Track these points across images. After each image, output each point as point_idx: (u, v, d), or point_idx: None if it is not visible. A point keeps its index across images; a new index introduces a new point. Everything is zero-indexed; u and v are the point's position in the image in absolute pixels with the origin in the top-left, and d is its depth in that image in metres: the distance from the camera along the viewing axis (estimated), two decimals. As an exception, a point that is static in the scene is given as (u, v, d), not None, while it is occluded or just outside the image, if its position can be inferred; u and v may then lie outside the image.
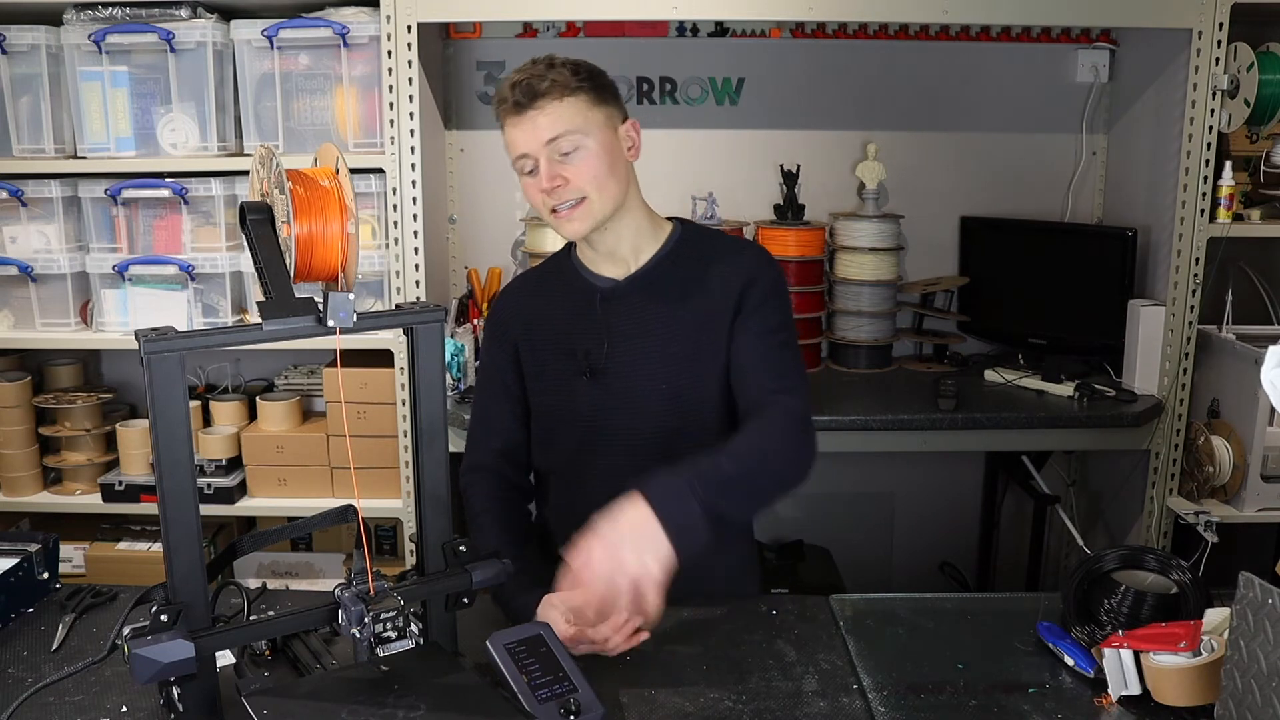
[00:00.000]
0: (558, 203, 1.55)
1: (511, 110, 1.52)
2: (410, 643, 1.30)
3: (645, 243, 1.65)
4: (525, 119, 1.51)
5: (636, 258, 1.65)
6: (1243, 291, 2.72)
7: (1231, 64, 2.48)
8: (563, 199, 1.54)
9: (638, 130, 1.62)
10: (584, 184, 1.53)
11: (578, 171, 1.53)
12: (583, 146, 1.53)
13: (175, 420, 1.14)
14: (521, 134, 1.53)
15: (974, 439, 2.69)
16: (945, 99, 2.97)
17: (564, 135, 1.51)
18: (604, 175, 1.54)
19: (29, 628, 1.53)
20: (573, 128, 1.52)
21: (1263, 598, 1.10)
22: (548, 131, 1.51)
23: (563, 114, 1.52)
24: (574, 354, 1.64)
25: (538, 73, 1.52)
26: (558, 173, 1.52)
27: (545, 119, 1.51)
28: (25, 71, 2.55)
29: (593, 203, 1.55)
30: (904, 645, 1.50)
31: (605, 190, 1.55)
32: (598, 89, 1.56)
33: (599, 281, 1.66)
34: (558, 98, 1.51)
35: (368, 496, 2.67)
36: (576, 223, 1.56)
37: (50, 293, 2.64)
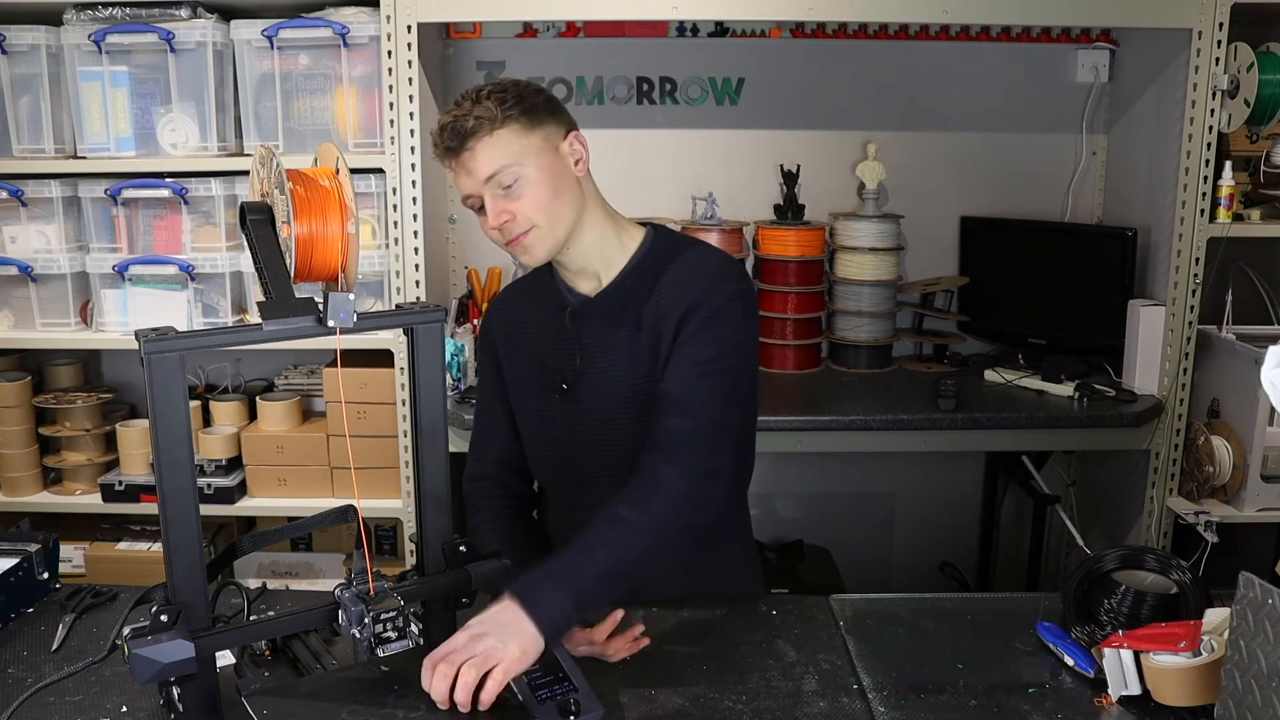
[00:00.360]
0: (509, 235, 1.52)
1: (445, 155, 1.51)
2: (410, 643, 1.29)
3: (614, 254, 1.61)
4: (460, 162, 1.50)
5: (607, 271, 1.61)
6: (1243, 291, 2.72)
7: (1231, 64, 2.48)
8: (512, 233, 1.51)
9: (583, 142, 1.56)
10: (531, 214, 1.50)
11: (522, 204, 1.50)
12: (522, 177, 1.49)
13: (175, 420, 1.14)
14: (461, 177, 1.51)
15: (974, 439, 2.69)
16: (945, 99, 2.97)
17: (500, 171, 1.48)
18: (549, 200, 1.51)
19: (29, 628, 1.53)
20: (508, 161, 1.48)
21: (1263, 598, 1.10)
22: (483, 170, 1.48)
23: (495, 149, 1.48)
24: (547, 369, 1.64)
25: (463, 112, 1.48)
26: (502, 208, 1.50)
27: (478, 159, 1.48)
28: (25, 71, 2.55)
29: (543, 229, 1.52)
30: (904, 645, 1.50)
31: (554, 214, 1.52)
32: (528, 113, 1.50)
33: (571, 297, 1.64)
34: (487, 134, 1.48)
35: (368, 496, 2.67)
36: (533, 250, 1.53)
37: (50, 293, 2.64)
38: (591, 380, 1.61)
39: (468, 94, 1.51)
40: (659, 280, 1.58)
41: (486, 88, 1.51)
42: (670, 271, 1.58)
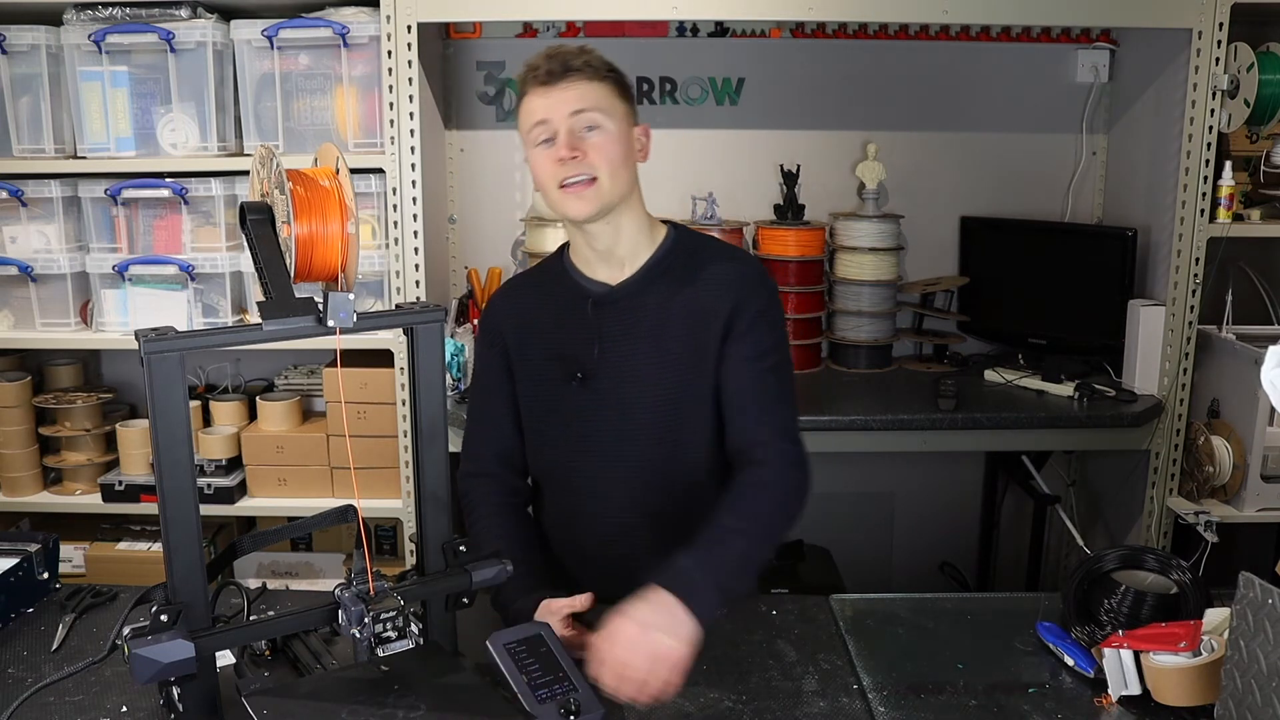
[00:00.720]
0: (569, 175, 1.54)
1: (542, 79, 1.54)
2: (410, 643, 1.30)
3: (642, 246, 1.64)
4: (554, 89, 1.53)
5: (632, 260, 1.63)
6: (1243, 291, 2.72)
7: (1231, 64, 2.48)
8: (575, 172, 1.53)
9: (649, 136, 1.64)
10: (598, 163, 1.54)
11: (596, 148, 1.54)
12: (604, 127, 1.54)
13: (175, 420, 1.14)
14: (547, 102, 1.54)
15: (974, 439, 2.69)
16: (945, 99, 2.97)
17: (590, 110, 1.53)
18: (618, 161, 1.55)
19: (29, 628, 1.53)
20: (600, 106, 1.54)
21: (1263, 598, 1.10)
22: (576, 104, 1.53)
23: (593, 91, 1.54)
24: (563, 358, 1.63)
25: (572, 52, 1.55)
26: (576, 143, 1.53)
27: (574, 92, 1.53)
28: (25, 71, 2.55)
29: (602, 185, 1.54)
30: (904, 645, 1.50)
31: (617, 177, 1.55)
32: (622, 86, 1.59)
33: (591, 286, 1.65)
34: (589, 78, 1.54)
35: (368, 496, 2.67)
36: (584, 202, 1.55)
37: (50, 293, 2.64)
38: (611, 369, 1.61)
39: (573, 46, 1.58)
40: (692, 275, 1.61)
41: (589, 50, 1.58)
42: (708, 268, 1.62)
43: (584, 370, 1.62)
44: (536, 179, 1.60)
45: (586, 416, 1.63)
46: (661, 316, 1.61)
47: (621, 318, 1.62)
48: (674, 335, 1.60)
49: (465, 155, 2.97)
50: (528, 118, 1.57)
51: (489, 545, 1.56)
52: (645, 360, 1.61)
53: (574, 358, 1.63)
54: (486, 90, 2.95)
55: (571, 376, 1.63)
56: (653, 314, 1.61)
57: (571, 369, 1.63)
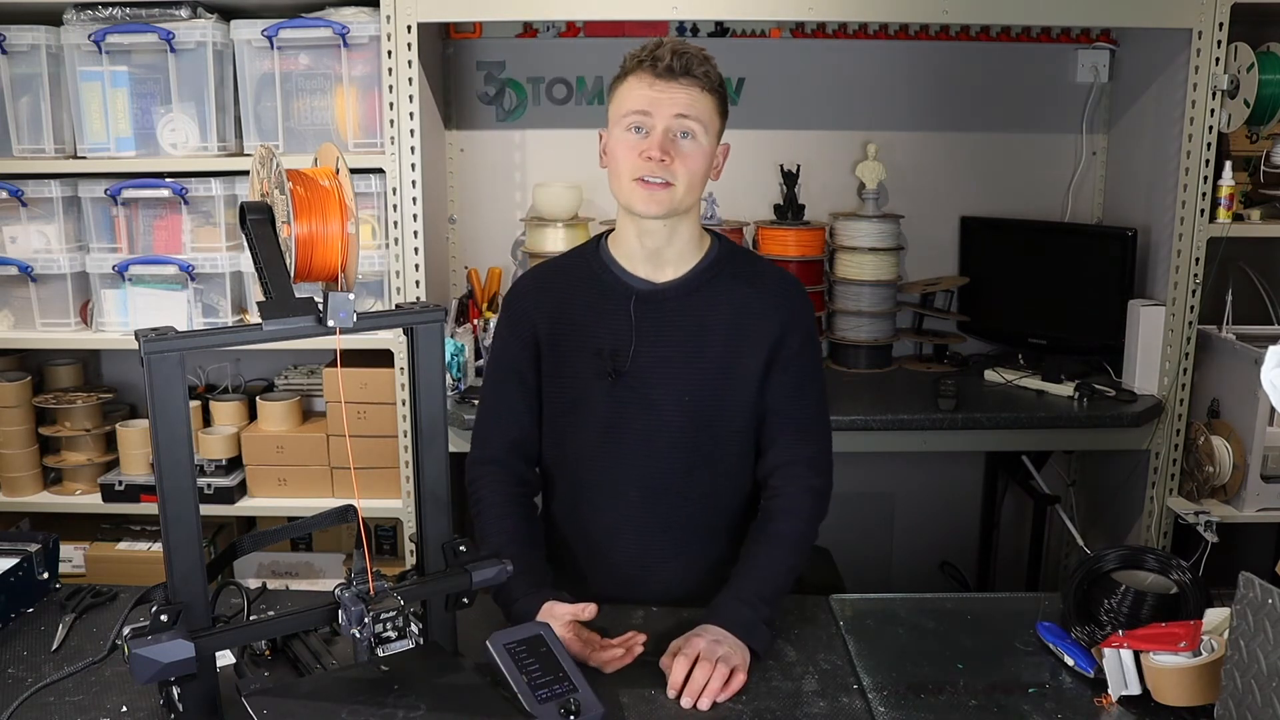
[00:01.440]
0: (649, 173, 1.54)
1: (660, 73, 1.53)
2: (410, 643, 1.30)
3: (689, 251, 1.65)
4: (669, 85, 1.53)
5: (678, 263, 1.64)
6: (1243, 291, 2.72)
7: (1232, 64, 2.48)
8: (656, 174, 1.54)
9: (726, 156, 1.65)
10: (681, 173, 1.55)
11: (684, 158, 1.55)
12: (698, 139, 1.55)
13: (175, 420, 1.14)
14: (656, 95, 1.53)
15: (974, 439, 2.69)
16: (945, 99, 2.97)
17: (693, 118, 1.54)
18: (698, 175, 1.57)
19: (29, 628, 1.53)
20: (702, 117, 1.55)
21: (1263, 598, 1.10)
22: (684, 107, 1.53)
23: (701, 101, 1.55)
24: (599, 353, 1.62)
25: (696, 55, 1.54)
26: (668, 147, 1.53)
27: (687, 95, 1.53)
28: (25, 71, 2.55)
29: (677, 192, 1.56)
30: (904, 645, 1.50)
31: (692, 190, 1.58)
32: (723, 102, 1.60)
33: (635, 282, 1.64)
34: (703, 87, 1.55)
35: (368, 496, 2.67)
36: (655, 203, 1.56)
37: (50, 293, 2.64)
38: (646, 369, 1.61)
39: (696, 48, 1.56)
40: (740, 287, 1.64)
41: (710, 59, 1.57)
42: (756, 284, 1.65)
43: (618, 366, 1.62)
44: (612, 162, 1.59)
45: (615, 413, 1.63)
46: (704, 323, 1.62)
47: (663, 319, 1.62)
48: (713, 344, 1.61)
49: (465, 155, 2.97)
50: (628, 100, 1.56)
51: (494, 540, 1.58)
52: (679, 365, 1.61)
53: (609, 353, 1.62)
54: (486, 90, 2.95)
55: (604, 372, 1.62)
56: (695, 319, 1.62)
57: (605, 364, 1.62)
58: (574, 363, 1.65)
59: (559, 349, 1.66)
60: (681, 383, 1.61)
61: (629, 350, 1.61)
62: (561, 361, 1.66)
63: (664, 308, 1.62)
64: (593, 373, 1.63)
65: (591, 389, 1.63)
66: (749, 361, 1.62)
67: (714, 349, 1.61)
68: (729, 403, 1.62)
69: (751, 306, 1.63)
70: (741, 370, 1.62)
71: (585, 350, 1.64)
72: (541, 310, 1.68)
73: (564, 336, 1.66)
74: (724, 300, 1.63)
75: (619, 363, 1.61)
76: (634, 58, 1.57)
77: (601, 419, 1.64)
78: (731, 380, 1.62)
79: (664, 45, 1.55)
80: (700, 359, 1.61)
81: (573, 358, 1.65)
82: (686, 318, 1.62)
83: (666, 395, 1.61)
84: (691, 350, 1.61)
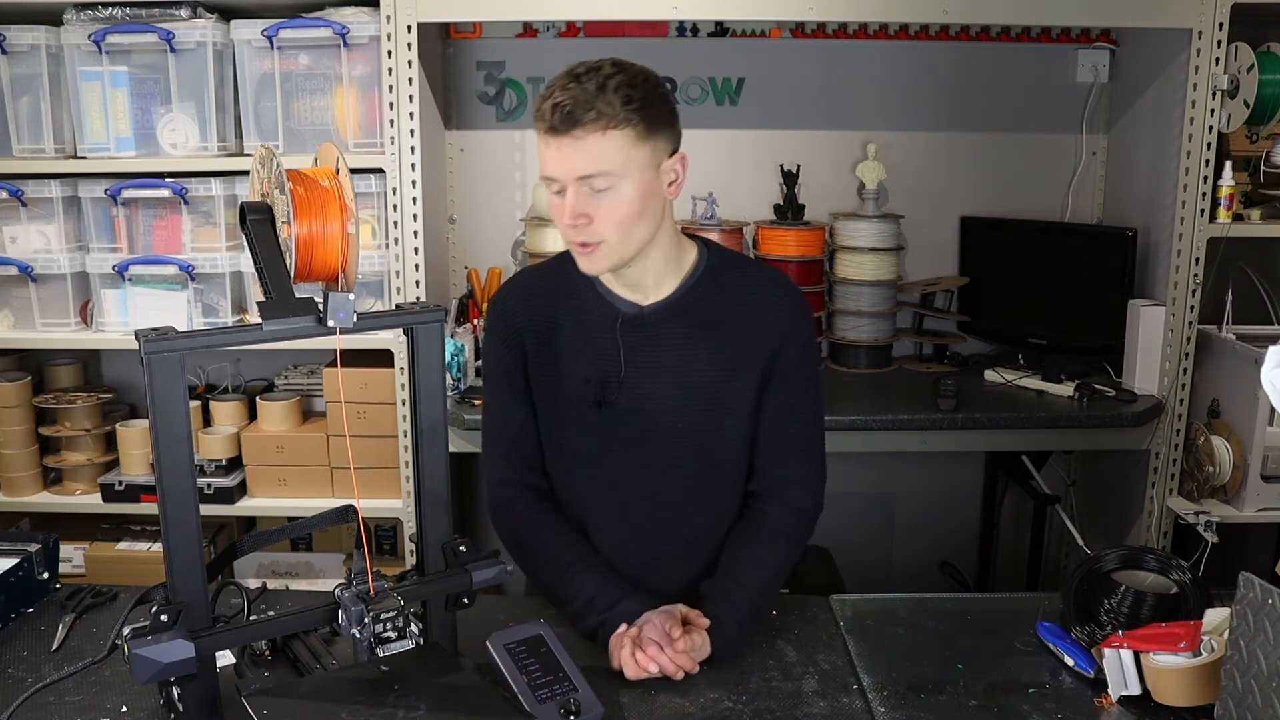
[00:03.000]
0: (575, 238, 1.44)
1: (551, 130, 1.39)
2: (410, 643, 1.30)
3: (671, 272, 1.55)
4: (562, 142, 1.38)
5: (661, 285, 1.54)
6: (1243, 291, 2.72)
7: (1232, 64, 2.48)
8: (582, 238, 1.43)
9: (685, 165, 1.48)
10: (607, 229, 1.42)
11: (605, 213, 1.41)
12: (616, 188, 1.40)
13: (175, 420, 1.14)
14: (554, 155, 1.40)
15: (974, 439, 2.69)
16: (945, 99, 2.97)
17: (599, 174, 1.39)
18: (631, 221, 1.42)
19: (29, 628, 1.53)
20: (609, 168, 1.39)
21: (1263, 598, 1.10)
22: (581, 168, 1.38)
23: (602, 151, 1.38)
24: (588, 381, 1.55)
25: (583, 97, 1.36)
26: (583, 210, 1.41)
27: (581, 154, 1.38)
28: (25, 71, 2.55)
29: (612, 246, 1.44)
30: (904, 645, 1.50)
31: (630, 235, 1.44)
32: (649, 120, 1.40)
33: (619, 304, 1.55)
34: (600, 130, 1.37)
35: (368, 496, 2.67)
36: (593, 261, 1.46)
37: (50, 293, 2.64)
38: (637, 393, 1.54)
39: (592, 71, 1.38)
40: (730, 303, 1.54)
41: (616, 74, 1.38)
42: (748, 290, 1.56)
43: (609, 392, 1.54)
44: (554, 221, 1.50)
45: (606, 441, 1.57)
46: (695, 345, 1.54)
47: (651, 343, 1.54)
48: (705, 367, 1.54)
49: (465, 155, 2.97)
50: (540, 165, 1.44)
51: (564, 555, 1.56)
52: (672, 390, 1.54)
53: (598, 380, 1.54)
54: (486, 90, 2.95)
55: (595, 400, 1.55)
56: (685, 342, 1.54)
57: (596, 391, 1.55)
58: (562, 389, 1.57)
59: (546, 371, 1.58)
60: (674, 409, 1.54)
61: (617, 378, 1.54)
62: (550, 385, 1.58)
63: (651, 331, 1.54)
64: (581, 401, 1.56)
65: (581, 417, 1.57)
66: (743, 381, 1.55)
67: (706, 372, 1.54)
68: (725, 425, 1.57)
69: (745, 324, 1.54)
70: (736, 391, 1.55)
71: (573, 378, 1.56)
72: (531, 326, 1.59)
73: (552, 358, 1.58)
74: (715, 319, 1.54)
75: (607, 392, 1.54)
76: (536, 106, 1.41)
77: (593, 446, 1.58)
78: (726, 402, 1.56)
79: (550, 96, 1.38)
80: (692, 383, 1.54)
81: (561, 384, 1.57)
82: (676, 341, 1.54)
83: (658, 422, 1.55)
84: (683, 376, 1.54)
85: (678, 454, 1.57)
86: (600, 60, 1.41)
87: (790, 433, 1.60)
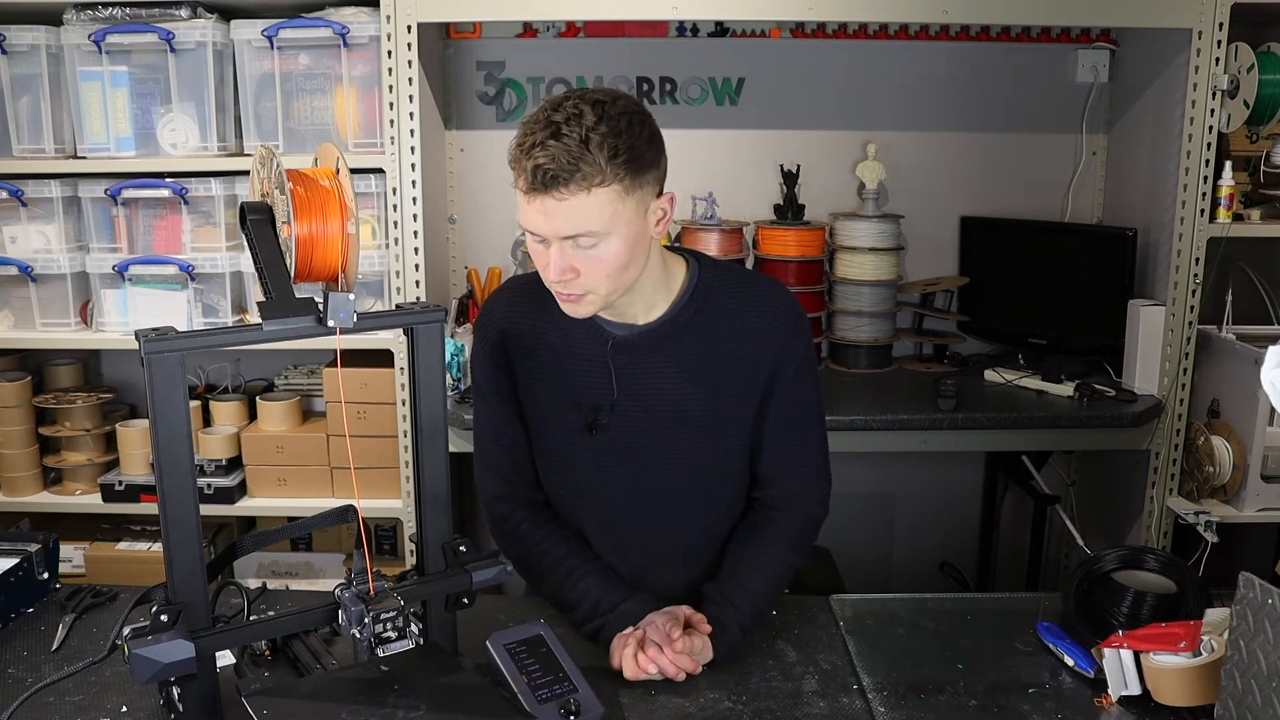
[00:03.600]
0: (560, 289, 1.40)
1: (533, 188, 1.31)
2: (410, 643, 1.30)
3: (661, 295, 1.50)
4: (545, 200, 1.31)
5: (651, 311, 1.50)
6: (1243, 291, 2.72)
7: (1232, 64, 2.48)
8: (569, 290, 1.39)
9: (673, 204, 1.43)
10: (595, 282, 1.37)
11: (592, 266, 1.36)
12: (602, 243, 1.34)
13: (175, 420, 1.14)
14: (535, 215, 1.34)
15: (974, 439, 2.69)
16: (945, 99, 2.97)
17: (585, 233, 1.33)
18: (619, 271, 1.37)
19: (29, 628, 1.53)
20: (595, 227, 1.32)
21: (1263, 598, 1.10)
22: (565, 228, 1.32)
23: (588, 210, 1.31)
24: (579, 406, 1.52)
25: (566, 158, 1.28)
26: (569, 264, 1.35)
27: (565, 215, 1.31)
28: (25, 71, 2.55)
29: (598, 295, 1.40)
30: (904, 645, 1.50)
31: (618, 283, 1.39)
32: (635, 171, 1.33)
33: (610, 327, 1.51)
34: (584, 189, 1.30)
35: (368, 496, 2.67)
36: (579, 308, 1.42)
37: (50, 293, 2.64)
38: (630, 419, 1.52)
39: (573, 121, 1.29)
40: (723, 320, 1.50)
41: (601, 126, 1.29)
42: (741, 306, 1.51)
43: (602, 416, 1.51)
44: None
45: (599, 465, 1.55)
46: (688, 367, 1.50)
47: (643, 366, 1.51)
48: (700, 389, 1.51)
49: (465, 155, 2.97)
50: (521, 208, 1.36)
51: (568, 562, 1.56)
52: (665, 413, 1.52)
53: (591, 404, 1.52)
54: (486, 90, 2.95)
55: (586, 424, 1.52)
56: (678, 364, 1.50)
57: (588, 415, 1.52)
58: (552, 416, 1.55)
59: (535, 393, 1.55)
60: (667, 432, 1.52)
61: (609, 403, 1.51)
62: (539, 408, 1.56)
63: (643, 354, 1.50)
64: (571, 426, 1.53)
65: (571, 443, 1.54)
66: (740, 401, 1.53)
67: (700, 394, 1.51)
68: (720, 443, 1.55)
69: (740, 343, 1.50)
70: (732, 410, 1.53)
71: (563, 403, 1.53)
72: (518, 345, 1.55)
73: (541, 379, 1.54)
74: (710, 339, 1.50)
75: (600, 416, 1.51)
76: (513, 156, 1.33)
77: (586, 472, 1.56)
78: (721, 422, 1.53)
79: (529, 154, 1.30)
80: (686, 406, 1.51)
81: (550, 411, 1.55)
82: (668, 363, 1.50)
83: (651, 446, 1.53)
84: (677, 399, 1.51)
85: (671, 476, 1.55)
86: (579, 104, 1.31)
87: (796, 444, 1.58)
